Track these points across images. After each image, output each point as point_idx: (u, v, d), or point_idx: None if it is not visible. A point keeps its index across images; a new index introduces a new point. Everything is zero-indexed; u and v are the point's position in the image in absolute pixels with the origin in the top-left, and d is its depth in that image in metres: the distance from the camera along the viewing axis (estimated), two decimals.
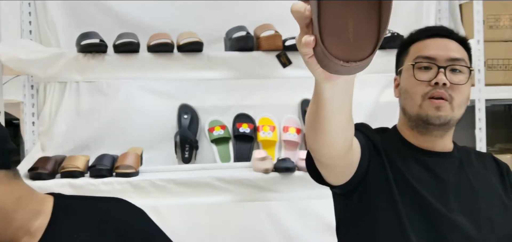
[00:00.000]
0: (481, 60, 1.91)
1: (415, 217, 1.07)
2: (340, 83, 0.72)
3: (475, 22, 1.90)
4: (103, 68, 1.73)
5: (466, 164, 1.18)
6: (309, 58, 0.67)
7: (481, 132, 1.89)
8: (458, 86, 1.11)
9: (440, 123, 1.11)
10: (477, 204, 1.12)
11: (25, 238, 1.00)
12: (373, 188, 1.09)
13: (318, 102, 0.78)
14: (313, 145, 0.91)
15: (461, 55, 1.15)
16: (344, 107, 0.80)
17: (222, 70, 1.78)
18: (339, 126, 0.83)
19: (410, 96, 1.14)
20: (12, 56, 1.69)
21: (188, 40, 1.74)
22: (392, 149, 1.14)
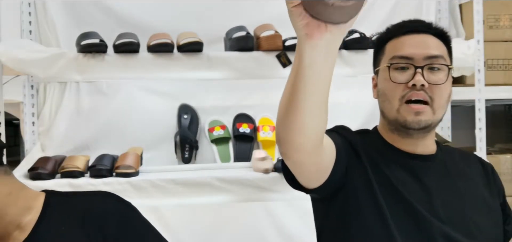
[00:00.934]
0: (481, 60, 1.91)
1: (402, 222, 1.02)
2: (321, 47, 0.69)
3: (475, 22, 1.91)
4: (103, 68, 1.73)
5: (450, 167, 1.13)
6: (293, 7, 0.65)
7: (481, 132, 1.89)
8: (438, 86, 1.05)
9: (420, 127, 1.05)
10: (463, 209, 1.07)
11: (16, 232, 1.01)
12: (355, 192, 1.04)
13: (296, 72, 0.74)
14: (282, 131, 0.84)
15: (439, 52, 1.08)
16: (322, 82, 0.76)
17: (222, 70, 1.78)
18: (313, 105, 0.78)
19: (388, 100, 1.08)
20: (12, 56, 1.69)
21: (188, 40, 1.74)
22: (374, 151, 1.09)
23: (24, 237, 1.01)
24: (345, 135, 1.09)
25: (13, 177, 1.05)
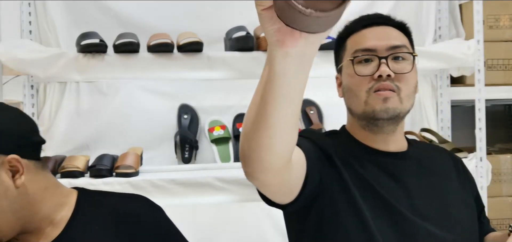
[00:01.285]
0: (481, 60, 1.91)
1: (382, 222, 0.99)
2: (295, 55, 0.62)
3: (475, 22, 1.90)
4: (103, 68, 1.73)
5: (424, 163, 1.11)
6: (263, 10, 0.59)
7: (481, 132, 1.89)
8: (404, 75, 1.04)
9: (388, 116, 1.02)
10: (441, 204, 1.06)
11: (49, 228, 1.03)
12: (332, 198, 1.00)
13: (266, 83, 0.67)
14: (249, 149, 0.76)
15: (402, 42, 1.08)
16: (295, 93, 0.68)
17: (222, 70, 1.78)
18: (284, 120, 0.71)
19: (354, 94, 1.06)
20: (12, 56, 1.69)
21: (188, 40, 1.74)
22: (346, 152, 1.06)
23: (57, 233, 1.02)
24: (314, 139, 1.04)
25: (49, 172, 1.07)
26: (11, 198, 0.97)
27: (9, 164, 0.96)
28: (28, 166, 0.99)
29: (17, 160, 0.97)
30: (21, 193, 0.98)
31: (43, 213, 1.02)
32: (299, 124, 2.00)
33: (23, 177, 0.97)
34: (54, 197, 1.04)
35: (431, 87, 2.11)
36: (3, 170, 0.96)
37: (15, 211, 0.98)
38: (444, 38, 2.13)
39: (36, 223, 1.01)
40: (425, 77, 2.11)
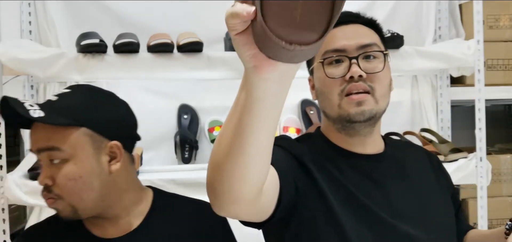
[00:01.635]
0: (481, 60, 1.91)
1: (361, 227, 0.96)
2: (274, 79, 0.58)
3: (475, 22, 1.90)
4: (103, 68, 1.73)
5: (402, 163, 1.09)
6: (237, 35, 0.55)
7: (481, 132, 1.89)
8: (376, 75, 1.00)
9: (365, 118, 0.99)
10: (420, 205, 1.04)
11: (127, 219, 1.08)
12: (309, 206, 0.96)
13: (243, 108, 0.63)
14: (219, 181, 0.71)
15: (372, 40, 1.04)
16: (273, 118, 0.64)
17: (222, 70, 1.78)
18: (261, 146, 0.66)
19: (327, 97, 1.02)
20: (12, 56, 1.69)
21: (188, 40, 1.74)
22: (322, 157, 1.02)
23: (135, 225, 1.08)
24: (287, 147, 1.00)
25: (134, 168, 1.13)
26: (103, 180, 1.02)
27: (110, 149, 1.03)
28: (124, 156, 1.06)
29: (118, 147, 1.04)
30: (112, 179, 1.04)
31: (125, 203, 1.07)
32: (299, 123, 2.00)
33: (118, 164, 1.04)
34: (135, 191, 1.11)
35: (431, 87, 2.11)
36: (104, 153, 1.03)
37: (102, 193, 1.03)
38: (444, 38, 2.13)
39: (116, 211, 1.06)
40: (425, 77, 2.11)
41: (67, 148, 0.99)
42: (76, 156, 0.99)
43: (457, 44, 1.95)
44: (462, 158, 1.86)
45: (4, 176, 1.67)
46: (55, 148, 0.99)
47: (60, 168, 0.99)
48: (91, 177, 1.01)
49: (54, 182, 0.99)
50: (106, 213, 1.06)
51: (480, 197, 1.88)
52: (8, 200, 1.68)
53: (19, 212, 2.38)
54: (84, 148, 1.00)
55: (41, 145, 1.00)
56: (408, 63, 1.89)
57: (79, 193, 1.00)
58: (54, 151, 0.99)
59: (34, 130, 1.01)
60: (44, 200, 1.03)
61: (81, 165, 1.00)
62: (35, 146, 1.01)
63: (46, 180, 0.99)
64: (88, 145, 1.01)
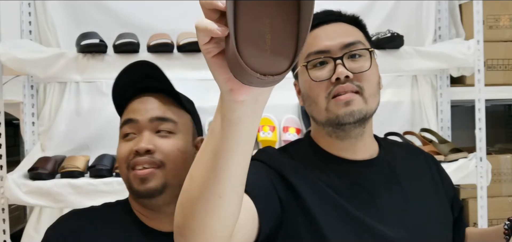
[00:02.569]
0: (481, 60, 1.91)
1: (346, 238, 0.91)
2: (249, 102, 0.59)
3: (475, 22, 1.91)
4: (103, 68, 1.73)
5: (395, 168, 1.04)
6: (212, 58, 0.55)
7: (481, 132, 1.89)
8: (364, 74, 0.95)
9: (355, 119, 0.94)
10: (411, 214, 0.98)
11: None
12: (293, 222, 0.91)
13: (219, 133, 0.62)
14: (190, 217, 0.66)
15: (356, 38, 0.99)
16: (249, 141, 0.64)
17: None
18: (236, 174, 0.64)
19: (314, 101, 0.98)
20: (12, 56, 1.69)
21: (188, 40, 1.74)
22: (307, 167, 0.97)
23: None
24: (266, 160, 0.95)
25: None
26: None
27: (199, 142, 1.11)
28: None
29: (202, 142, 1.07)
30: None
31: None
32: (299, 124, 2.00)
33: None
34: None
35: (431, 87, 2.11)
36: (194, 144, 1.10)
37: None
38: (444, 38, 2.13)
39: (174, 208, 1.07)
40: (425, 77, 2.11)
41: (180, 123, 1.06)
42: (184, 133, 1.06)
43: (457, 44, 1.95)
44: (462, 158, 1.86)
45: (4, 176, 1.67)
46: (171, 120, 1.04)
47: (167, 138, 1.03)
48: (188, 159, 1.04)
49: (155, 150, 1.01)
50: (169, 205, 1.03)
51: (480, 197, 1.88)
52: (8, 200, 1.68)
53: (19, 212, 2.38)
54: (189, 131, 1.09)
55: (157, 113, 1.04)
56: (408, 63, 1.89)
57: (180, 167, 1.02)
58: (169, 122, 1.04)
59: (146, 100, 1.06)
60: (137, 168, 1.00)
61: (187, 143, 1.06)
62: (148, 114, 1.03)
63: (148, 145, 1.00)
64: (192, 130, 1.10)
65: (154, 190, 1.00)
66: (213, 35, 0.53)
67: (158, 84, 1.07)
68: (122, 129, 1.06)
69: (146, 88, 1.07)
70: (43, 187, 1.63)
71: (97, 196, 1.62)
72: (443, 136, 2.01)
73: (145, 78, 1.06)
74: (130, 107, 1.07)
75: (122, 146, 1.05)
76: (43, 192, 1.62)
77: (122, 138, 1.06)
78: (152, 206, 1.03)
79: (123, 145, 1.05)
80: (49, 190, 1.62)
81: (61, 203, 1.63)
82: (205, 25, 0.53)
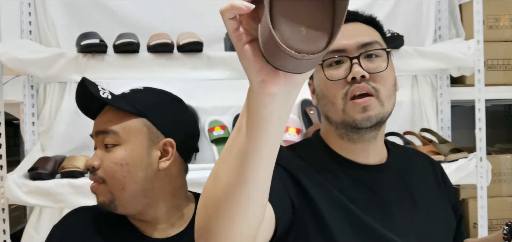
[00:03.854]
0: (481, 60, 1.91)
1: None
2: (281, 96, 0.57)
3: (475, 22, 1.91)
4: (103, 68, 1.73)
5: (405, 173, 1.03)
6: (243, 46, 0.53)
7: (481, 132, 1.89)
8: (380, 74, 0.94)
9: (371, 124, 0.94)
10: (420, 220, 0.98)
11: (166, 224, 1.07)
12: (304, 224, 0.91)
13: (247, 130, 0.60)
14: (215, 222, 0.64)
15: (372, 38, 0.98)
16: (277, 140, 0.62)
17: (222, 70, 1.78)
18: (265, 174, 0.63)
19: (330, 101, 0.96)
20: (12, 56, 1.69)
21: (188, 40, 1.74)
22: (320, 169, 0.96)
23: (176, 232, 1.06)
24: (283, 164, 0.93)
25: (185, 180, 1.13)
26: (148, 174, 1.02)
27: (163, 145, 1.03)
28: (177, 159, 1.06)
29: (171, 145, 1.03)
30: (159, 176, 1.03)
31: (167, 207, 1.06)
32: (299, 123, 2.00)
33: (168, 163, 1.03)
34: (180, 198, 1.09)
35: (431, 87, 2.11)
36: (157, 147, 1.03)
37: (145, 188, 1.02)
38: (444, 38, 2.13)
39: (156, 213, 1.05)
40: (425, 77, 2.11)
41: (122, 133, 1.01)
42: (128, 142, 1.01)
43: (457, 44, 1.95)
44: (462, 158, 1.86)
45: (4, 176, 1.67)
46: (111, 131, 1.01)
47: (111, 152, 1.01)
48: (137, 167, 1.00)
49: (101, 166, 1.01)
50: (145, 213, 1.03)
51: (480, 197, 1.88)
52: (8, 200, 1.68)
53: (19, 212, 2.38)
54: (138, 137, 1.02)
55: (99, 127, 1.04)
56: (408, 63, 1.89)
57: (122, 180, 1.00)
58: (110, 134, 1.01)
59: (99, 115, 1.06)
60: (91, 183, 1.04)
61: (131, 152, 1.01)
62: (95, 128, 1.05)
63: (94, 162, 1.01)
64: (143, 135, 1.02)
65: (104, 204, 1.01)
66: (239, 11, 0.51)
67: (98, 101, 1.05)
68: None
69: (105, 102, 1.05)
70: (43, 187, 1.63)
71: None
72: (443, 136, 2.01)
73: (88, 98, 1.06)
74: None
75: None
76: (43, 192, 1.62)
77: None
78: (143, 217, 1.06)
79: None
80: (49, 190, 1.62)
81: (61, 203, 1.63)
82: (230, 3, 0.50)
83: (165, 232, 1.05)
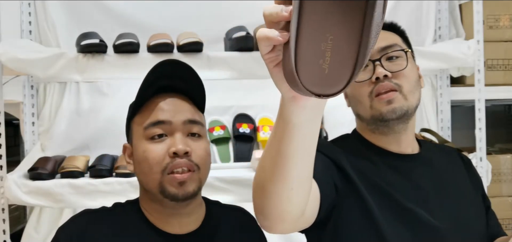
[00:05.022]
0: (481, 60, 1.91)
1: (398, 226, 0.99)
2: (310, 107, 0.64)
3: (475, 22, 1.91)
4: (103, 68, 1.73)
5: (436, 164, 1.13)
6: (274, 67, 0.58)
7: (481, 132, 1.89)
8: (401, 72, 1.05)
9: (397, 116, 1.04)
10: (453, 206, 1.07)
11: (193, 217, 1.05)
12: (347, 209, 1.01)
13: (282, 135, 0.68)
14: (267, 203, 0.77)
15: (392, 41, 1.09)
16: (312, 141, 0.71)
17: (222, 70, 1.78)
18: (303, 168, 0.73)
19: (359, 101, 1.08)
20: (12, 56, 1.69)
21: (188, 40, 1.74)
22: (359, 158, 1.07)
23: (196, 226, 1.04)
24: (325, 151, 1.04)
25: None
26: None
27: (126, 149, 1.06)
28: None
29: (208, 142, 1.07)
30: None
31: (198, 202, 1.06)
32: None
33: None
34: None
35: (431, 87, 2.12)
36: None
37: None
38: (444, 38, 2.13)
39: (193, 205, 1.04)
40: (425, 77, 2.11)
41: (204, 127, 1.05)
42: (206, 135, 1.06)
43: (457, 44, 1.95)
44: None
45: (4, 176, 1.67)
46: (200, 122, 1.03)
47: (197, 141, 1.01)
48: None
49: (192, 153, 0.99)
50: (192, 203, 1.02)
51: None
52: (8, 200, 1.68)
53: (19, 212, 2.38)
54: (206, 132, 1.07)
55: (190, 116, 1.02)
56: None
57: (208, 169, 1.03)
58: (198, 125, 1.02)
59: (174, 102, 1.02)
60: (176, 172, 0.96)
61: (208, 145, 1.05)
62: (181, 116, 1.00)
63: (186, 148, 0.98)
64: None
65: (192, 194, 0.98)
66: (274, 43, 0.55)
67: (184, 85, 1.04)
68: (150, 129, 0.99)
69: (165, 88, 1.03)
70: (43, 187, 1.63)
71: (97, 196, 1.62)
72: (443, 136, 2.01)
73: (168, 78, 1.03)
74: (156, 108, 1.01)
75: (153, 147, 0.98)
76: (43, 192, 1.63)
77: (150, 139, 0.99)
78: (179, 210, 1.01)
79: (154, 146, 0.98)
80: (49, 190, 1.62)
81: (61, 203, 1.63)
82: (265, 34, 0.54)
83: (180, 229, 1.03)
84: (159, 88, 1.03)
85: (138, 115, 1.03)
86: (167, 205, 1.00)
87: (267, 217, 0.79)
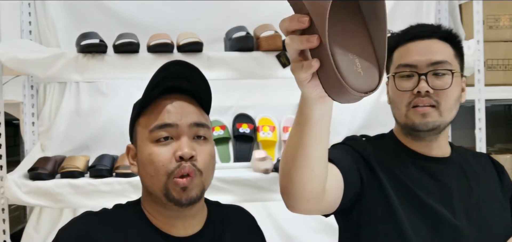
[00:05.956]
0: (481, 61, 1.91)
1: (420, 225, 1.04)
2: (329, 103, 0.74)
3: (475, 22, 1.91)
4: (103, 68, 1.73)
5: (466, 168, 1.16)
6: (309, 82, 0.68)
7: (481, 132, 1.89)
8: (443, 91, 1.07)
9: (428, 129, 1.08)
10: (479, 209, 1.09)
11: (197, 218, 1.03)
12: (370, 202, 1.06)
13: (304, 127, 0.79)
14: (292, 185, 0.88)
15: (444, 57, 1.09)
16: (327, 131, 0.81)
17: (222, 70, 1.78)
18: (322, 152, 0.84)
19: (396, 106, 1.13)
20: (12, 56, 1.69)
21: (188, 40, 1.74)
22: (389, 156, 1.12)
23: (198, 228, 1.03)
24: (353, 145, 1.11)
25: None
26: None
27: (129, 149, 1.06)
28: None
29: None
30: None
31: (202, 204, 1.06)
32: None
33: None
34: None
35: None
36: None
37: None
38: None
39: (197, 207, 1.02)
40: None
41: (210, 129, 1.05)
42: (212, 137, 1.05)
43: None
44: None
45: (4, 176, 1.67)
46: (206, 125, 1.02)
47: (203, 145, 1.00)
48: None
49: (197, 157, 0.97)
50: (196, 206, 1.00)
51: None
52: (8, 200, 1.68)
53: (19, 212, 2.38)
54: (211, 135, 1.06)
55: (197, 119, 1.00)
56: None
57: (211, 172, 1.01)
58: (205, 128, 1.02)
59: (180, 104, 1.00)
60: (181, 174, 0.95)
61: (213, 147, 1.04)
62: (188, 119, 0.99)
63: (192, 151, 0.96)
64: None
65: (195, 199, 0.96)
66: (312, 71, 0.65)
67: (190, 87, 1.02)
68: (156, 132, 0.97)
69: (171, 89, 1.00)
70: (43, 187, 1.63)
71: (97, 196, 1.62)
72: None
73: (175, 79, 1.00)
74: (162, 110, 0.99)
75: (159, 150, 0.96)
76: (43, 192, 1.63)
77: (155, 142, 0.97)
78: (183, 212, 0.99)
79: (160, 149, 0.96)
80: (49, 190, 1.62)
81: (61, 203, 1.63)
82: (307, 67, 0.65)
83: (184, 231, 1.01)
84: (165, 89, 1.00)
85: (143, 117, 1.01)
86: (171, 208, 0.98)
87: (291, 196, 0.89)
